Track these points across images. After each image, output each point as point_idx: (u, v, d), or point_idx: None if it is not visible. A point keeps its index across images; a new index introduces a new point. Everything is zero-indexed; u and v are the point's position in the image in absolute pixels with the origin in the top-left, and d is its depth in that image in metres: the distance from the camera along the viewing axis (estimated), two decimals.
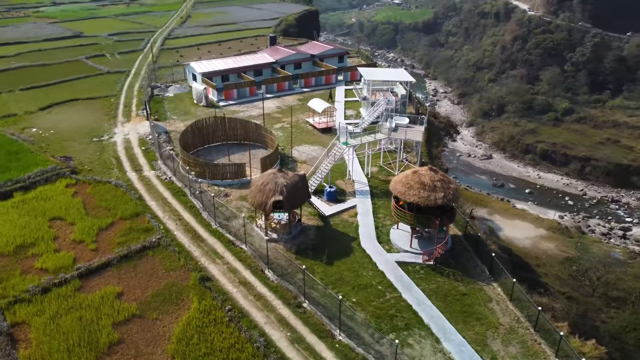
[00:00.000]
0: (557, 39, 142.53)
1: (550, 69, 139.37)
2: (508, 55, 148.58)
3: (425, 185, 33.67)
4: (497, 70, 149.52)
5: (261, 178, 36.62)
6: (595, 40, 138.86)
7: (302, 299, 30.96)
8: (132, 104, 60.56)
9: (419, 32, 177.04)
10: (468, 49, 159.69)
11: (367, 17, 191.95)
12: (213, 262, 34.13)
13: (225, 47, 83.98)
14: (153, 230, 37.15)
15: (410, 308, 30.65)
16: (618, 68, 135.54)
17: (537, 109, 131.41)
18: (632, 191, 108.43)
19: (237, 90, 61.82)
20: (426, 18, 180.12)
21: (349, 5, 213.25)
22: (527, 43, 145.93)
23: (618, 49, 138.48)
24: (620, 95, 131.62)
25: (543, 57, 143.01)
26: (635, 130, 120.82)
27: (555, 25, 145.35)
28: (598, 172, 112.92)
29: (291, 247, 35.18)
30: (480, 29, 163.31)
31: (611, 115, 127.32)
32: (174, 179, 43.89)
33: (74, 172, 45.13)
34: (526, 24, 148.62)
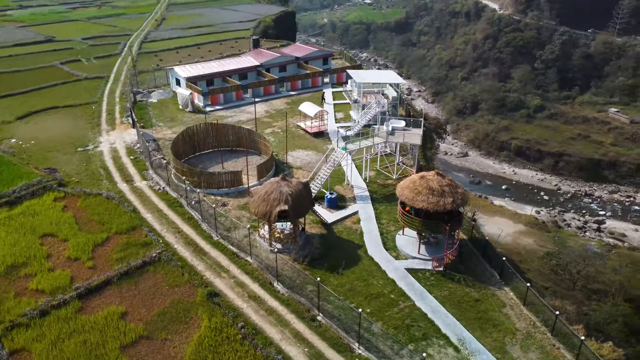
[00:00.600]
0: (527, 38, 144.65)
1: (521, 66, 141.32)
2: (480, 54, 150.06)
3: (433, 191, 32.99)
4: (469, 69, 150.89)
5: (264, 187, 35.36)
6: (563, 38, 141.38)
7: (315, 311, 29.90)
8: (115, 111, 58.30)
9: (391, 31, 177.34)
10: (440, 48, 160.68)
11: (339, 17, 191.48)
12: (219, 276, 32.75)
13: (205, 50, 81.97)
14: (152, 244, 35.51)
15: (426, 317, 29.92)
16: (586, 65, 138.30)
17: (510, 106, 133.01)
18: (604, 185, 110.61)
19: (224, 94, 60.16)
20: (398, 18, 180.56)
21: (320, 6, 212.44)
22: (497, 41, 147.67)
23: (585, 47, 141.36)
24: (589, 91, 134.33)
25: (514, 55, 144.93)
26: (604, 126, 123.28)
27: (525, 23, 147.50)
28: (571, 167, 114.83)
29: (298, 258, 33.97)
30: (452, 28, 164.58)
31: (581, 111, 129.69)
32: (168, 189, 42.20)
33: (62, 185, 42.99)
34: (496, 23, 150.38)
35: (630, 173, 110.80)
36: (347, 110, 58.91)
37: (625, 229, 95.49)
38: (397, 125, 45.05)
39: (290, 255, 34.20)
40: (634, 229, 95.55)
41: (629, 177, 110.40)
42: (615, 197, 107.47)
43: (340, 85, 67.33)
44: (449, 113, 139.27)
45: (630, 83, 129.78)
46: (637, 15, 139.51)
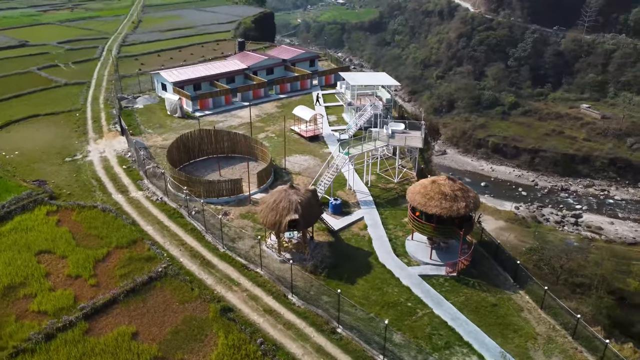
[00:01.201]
0: (500, 36, 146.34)
1: (494, 64, 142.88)
2: (454, 53, 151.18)
3: (446, 196, 32.43)
4: (444, 67, 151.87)
5: (272, 196, 34.23)
6: (534, 36, 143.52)
7: (334, 323, 28.97)
8: (102, 118, 56.10)
9: (366, 31, 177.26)
10: (415, 47, 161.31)
11: (313, 18, 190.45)
12: (230, 290, 31.51)
13: (187, 53, 79.90)
14: (156, 258, 33.99)
15: (446, 324, 29.34)
16: (557, 62, 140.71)
17: (485, 104, 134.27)
18: (579, 179, 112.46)
19: (213, 99, 58.55)
20: (372, 17, 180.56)
21: (293, 6, 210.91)
22: (471, 40, 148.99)
23: (555, 44, 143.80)
24: (561, 88, 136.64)
25: (487, 53, 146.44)
26: (577, 121, 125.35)
27: (497, 22, 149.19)
28: (547, 162, 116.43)
29: (316, 269, 32.86)
30: (426, 27, 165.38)
31: (554, 108, 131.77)
32: (166, 200, 40.59)
33: (53, 198, 40.96)
34: (469, 22, 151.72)
35: (603, 167, 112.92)
36: (339, 112, 58.05)
37: (601, 222, 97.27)
38: (397, 128, 44.43)
39: (304, 265, 33.07)
40: (609, 222, 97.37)
41: (602, 172, 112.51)
42: (590, 191, 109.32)
43: (329, 87, 66.43)
44: (426, 112, 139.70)
45: (599, 79, 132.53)
46: (604, 14, 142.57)
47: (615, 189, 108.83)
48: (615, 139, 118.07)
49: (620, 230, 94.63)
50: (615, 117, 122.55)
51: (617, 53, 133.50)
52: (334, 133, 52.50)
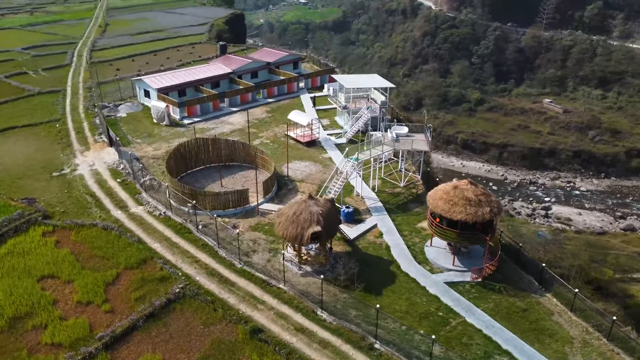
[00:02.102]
0: (463, 34, 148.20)
1: (459, 62, 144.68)
2: (419, 51, 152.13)
3: (470, 201, 31.76)
4: (410, 66, 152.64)
5: (291, 208, 32.75)
6: (496, 34, 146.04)
7: (370, 339, 27.82)
8: (85, 128, 52.95)
9: (330, 31, 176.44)
10: (380, 46, 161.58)
11: (276, 18, 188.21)
12: (255, 309, 29.91)
13: (162, 57, 76.81)
14: (171, 278, 32.00)
15: (481, 333, 28.66)
16: (518, 59, 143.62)
17: (452, 100, 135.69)
18: (546, 172, 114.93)
19: (200, 105, 56.24)
20: (335, 17, 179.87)
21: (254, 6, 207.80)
22: (435, 38, 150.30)
23: (516, 41, 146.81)
24: (523, 83, 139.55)
25: (451, 51, 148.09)
26: (540, 116, 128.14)
27: (460, 20, 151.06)
28: (514, 157, 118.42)
29: (334, 280, 31.61)
30: (390, 26, 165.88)
31: (518, 103, 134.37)
32: (170, 214, 38.42)
33: (47, 217, 38.16)
34: (433, 20, 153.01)
35: (568, 160, 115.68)
36: (331, 116, 56.79)
37: (569, 213, 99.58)
38: (401, 131, 43.63)
39: (327, 277, 31.72)
40: (577, 212, 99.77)
41: (568, 164, 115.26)
42: (557, 183, 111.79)
43: (316, 90, 65.10)
44: (394, 109, 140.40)
45: (559, 74, 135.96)
46: (561, 11, 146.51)
47: (580, 180, 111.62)
48: (578, 132, 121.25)
49: (588, 220, 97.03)
50: (576, 111, 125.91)
51: (575, 49, 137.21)
52: (330, 137, 51.26)
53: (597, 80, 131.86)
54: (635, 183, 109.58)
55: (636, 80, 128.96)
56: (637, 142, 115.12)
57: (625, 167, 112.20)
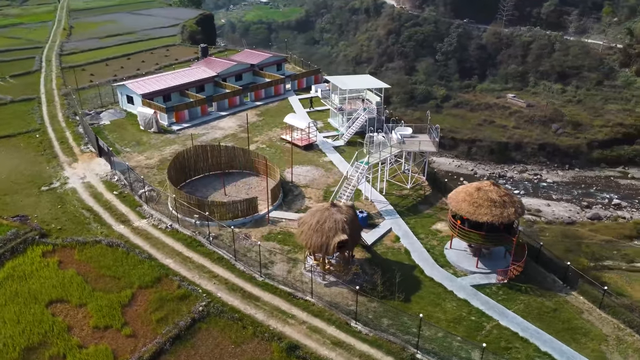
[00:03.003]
0: (426, 32, 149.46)
1: (424, 59, 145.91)
2: (384, 49, 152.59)
3: (495, 202, 31.34)
4: (376, 64, 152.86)
5: (313, 216, 31.48)
6: (458, 31, 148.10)
7: (411, 349, 26.94)
8: (68, 138, 49.85)
9: (293, 30, 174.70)
10: (345, 45, 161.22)
11: (237, 18, 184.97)
12: (286, 324, 28.53)
13: (137, 61, 73.52)
14: (191, 296, 30.22)
15: (518, 336, 28.24)
16: (481, 55, 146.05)
17: (419, 98, 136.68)
18: (513, 165, 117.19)
19: (189, 110, 53.95)
20: (298, 16, 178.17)
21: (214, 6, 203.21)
22: (400, 36, 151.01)
23: (478, 38, 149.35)
24: (487, 79, 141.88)
25: (416, 48, 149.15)
26: (505, 111, 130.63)
27: (423, 18, 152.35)
28: (483, 151, 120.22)
29: (371, 291, 30.50)
30: (353, 24, 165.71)
31: (482, 99, 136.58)
32: (177, 227, 36.43)
33: (44, 236, 35.50)
34: (397, 19, 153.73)
35: (534, 153, 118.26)
36: (323, 118, 55.57)
37: (538, 204, 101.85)
38: (405, 133, 42.99)
39: (367, 287, 30.48)
40: (546, 204, 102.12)
41: (533, 157, 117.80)
42: (524, 176, 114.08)
43: (302, 91, 63.77)
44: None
45: (520, 70, 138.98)
46: (519, 8, 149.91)
47: (546, 172, 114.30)
48: (542, 126, 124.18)
49: (557, 211, 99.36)
50: (538, 105, 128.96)
51: (534, 45, 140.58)
52: (327, 140, 50.14)
53: (557, 75, 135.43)
54: (597, 173, 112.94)
55: (592, 74, 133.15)
56: (597, 134, 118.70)
57: (587, 158, 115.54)
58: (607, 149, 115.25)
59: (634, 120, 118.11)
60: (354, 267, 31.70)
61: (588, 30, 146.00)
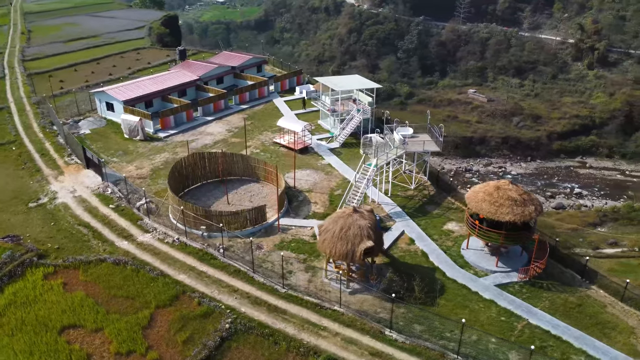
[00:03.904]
0: (387, 30, 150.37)
1: (386, 57, 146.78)
2: (347, 48, 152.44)
3: (516, 201, 31.24)
4: (339, 63, 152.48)
5: (335, 223, 30.45)
6: (418, 29, 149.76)
7: (451, 355, 26.43)
8: (49, 150, 46.69)
9: (253, 30, 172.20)
10: (306, 44, 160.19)
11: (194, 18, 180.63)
12: (319, 336, 27.46)
13: (108, 66, 69.99)
14: (214, 313, 28.69)
15: (550, 334, 28.20)
16: (441, 52, 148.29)
17: (384, 95, 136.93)
18: (478, 159, 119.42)
19: (174, 116, 51.67)
20: (257, 16, 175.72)
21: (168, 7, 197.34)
22: (361, 35, 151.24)
23: (437, 35, 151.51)
24: (447, 76, 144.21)
25: (378, 46, 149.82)
26: (467, 106, 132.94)
27: (383, 16, 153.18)
28: (449, 146, 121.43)
29: (408, 298, 29.73)
30: (314, 23, 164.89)
31: (445, 95, 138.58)
32: (185, 240, 34.62)
33: (42, 257, 33.00)
34: (358, 17, 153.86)
35: (497, 146, 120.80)
36: (312, 119, 54.43)
37: None
38: (406, 133, 42.54)
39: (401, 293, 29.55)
40: None
41: (497, 150, 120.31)
42: (490, 169, 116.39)
43: (286, 93, 62.43)
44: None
45: (479, 65, 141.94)
46: (476, 5, 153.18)
47: (510, 165, 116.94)
48: (503, 119, 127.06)
49: None
50: (498, 100, 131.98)
51: (491, 41, 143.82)
52: (321, 142, 49.14)
53: (514, 70, 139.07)
54: (558, 164, 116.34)
55: (547, 68, 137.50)
56: (555, 126, 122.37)
57: (548, 149, 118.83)
58: (565, 140, 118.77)
59: (589, 112, 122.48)
60: (389, 274, 30.72)
61: (541, 26, 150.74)
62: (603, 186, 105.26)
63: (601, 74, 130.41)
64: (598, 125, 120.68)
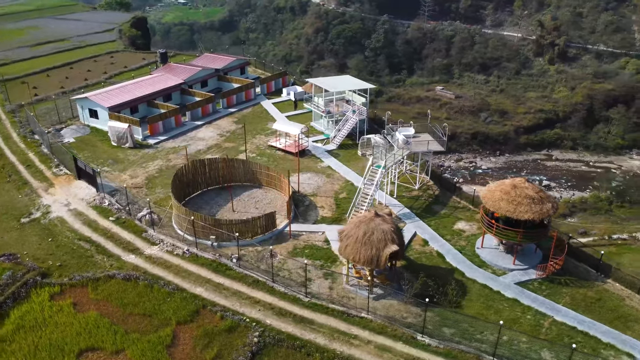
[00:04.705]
0: (354, 29, 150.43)
1: (354, 56, 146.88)
2: (314, 47, 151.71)
3: (534, 199, 31.32)
4: (306, 62, 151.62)
5: (358, 228, 29.74)
6: (385, 27, 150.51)
7: (487, 357, 26.17)
8: (34, 161, 44.03)
9: (217, 31, 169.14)
10: (272, 44, 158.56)
11: (156, 19, 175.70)
12: (351, 345, 26.73)
13: (82, 71, 66.69)
14: (239, 327, 27.54)
15: (577, 330, 28.36)
16: (407, 50, 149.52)
17: None
18: (449, 155, 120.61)
19: (162, 121, 49.70)
20: (221, 16, 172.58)
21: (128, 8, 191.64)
22: (329, 34, 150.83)
23: (403, 33, 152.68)
24: (415, 73, 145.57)
25: (345, 46, 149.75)
26: (436, 103, 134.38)
27: (350, 15, 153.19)
28: None
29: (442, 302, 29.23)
30: (279, 23, 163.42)
31: (413, 92, 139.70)
32: (196, 251, 33.18)
33: (45, 276, 30.97)
34: (324, 17, 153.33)
35: (467, 141, 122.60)
36: (304, 121, 53.45)
37: (478, 191, 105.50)
38: (408, 133, 42.23)
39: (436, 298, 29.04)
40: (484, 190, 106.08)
41: (467, 145, 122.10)
42: (461, 164, 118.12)
43: (273, 95, 61.21)
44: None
45: (445, 63, 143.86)
46: (439, 3, 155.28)
47: (480, 159, 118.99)
48: (471, 115, 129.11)
49: None
50: (465, 96, 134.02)
51: (456, 38, 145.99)
52: (317, 145, 48.31)
53: (479, 66, 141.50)
54: (525, 157, 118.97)
55: (511, 64, 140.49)
56: (521, 120, 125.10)
57: (515, 143, 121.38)
58: (531, 134, 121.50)
59: (552, 106, 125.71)
60: (421, 278, 30.13)
61: (503, 23, 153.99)
62: (569, 177, 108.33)
63: (562, 69, 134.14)
64: (562, 118, 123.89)
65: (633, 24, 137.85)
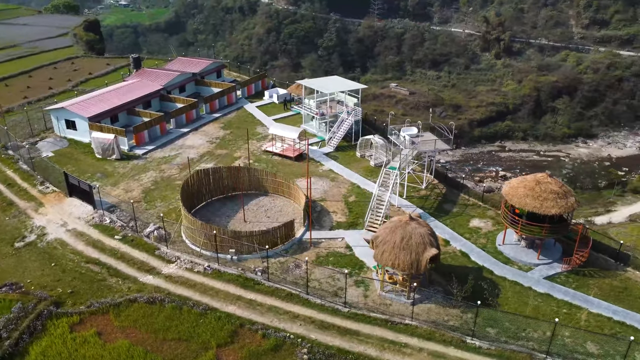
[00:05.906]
0: (306, 28, 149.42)
1: (308, 55, 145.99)
2: (266, 47, 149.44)
3: (558, 194, 31.59)
4: (260, 63, 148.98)
5: (393, 233, 28.96)
6: (336, 26, 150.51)
7: (539, 355, 26.08)
8: (15, 178, 40.14)
9: (164, 32, 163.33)
10: (223, 45, 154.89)
11: None
12: (404, 354, 25.94)
13: (44, 79, 61.88)
14: (284, 344, 26.15)
15: (614, 320, 28.78)
16: (359, 48, 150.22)
17: None
18: None
19: (148, 130, 46.82)
20: (167, 18, 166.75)
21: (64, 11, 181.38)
22: (280, 34, 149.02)
23: (355, 32, 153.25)
24: (369, 71, 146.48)
25: (298, 45, 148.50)
26: (391, 99, 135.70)
27: (301, 15, 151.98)
28: None
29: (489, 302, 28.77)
30: (229, 24, 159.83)
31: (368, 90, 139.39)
32: (217, 266, 31.29)
33: (58, 305, 28.22)
34: (275, 16, 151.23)
35: None
36: (294, 124, 52.02)
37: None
38: (411, 133, 41.88)
39: (489, 299, 28.45)
40: None
41: None
42: None
43: (255, 98, 59.29)
44: None
45: (397, 60, 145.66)
46: (389, 1, 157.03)
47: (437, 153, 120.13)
48: (426, 111, 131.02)
49: None
50: (419, 92, 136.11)
51: (406, 35, 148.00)
52: (313, 148, 47.11)
53: (430, 62, 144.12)
54: (481, 149, 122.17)
55: (460, 59, 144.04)
56: (474, 114, 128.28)
57: (470, 136, 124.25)
58: (484, 126, 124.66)
59: (502, 99, 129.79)
60: (469, 282, 29.58)
61: (450, 19, 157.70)
62: (523, 167, 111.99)
63: (508, 63, 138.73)
64: (512, 110, 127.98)
65: (570, 18, 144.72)
